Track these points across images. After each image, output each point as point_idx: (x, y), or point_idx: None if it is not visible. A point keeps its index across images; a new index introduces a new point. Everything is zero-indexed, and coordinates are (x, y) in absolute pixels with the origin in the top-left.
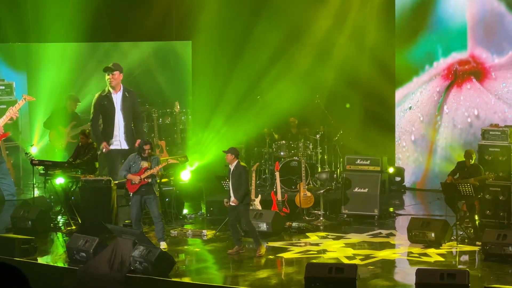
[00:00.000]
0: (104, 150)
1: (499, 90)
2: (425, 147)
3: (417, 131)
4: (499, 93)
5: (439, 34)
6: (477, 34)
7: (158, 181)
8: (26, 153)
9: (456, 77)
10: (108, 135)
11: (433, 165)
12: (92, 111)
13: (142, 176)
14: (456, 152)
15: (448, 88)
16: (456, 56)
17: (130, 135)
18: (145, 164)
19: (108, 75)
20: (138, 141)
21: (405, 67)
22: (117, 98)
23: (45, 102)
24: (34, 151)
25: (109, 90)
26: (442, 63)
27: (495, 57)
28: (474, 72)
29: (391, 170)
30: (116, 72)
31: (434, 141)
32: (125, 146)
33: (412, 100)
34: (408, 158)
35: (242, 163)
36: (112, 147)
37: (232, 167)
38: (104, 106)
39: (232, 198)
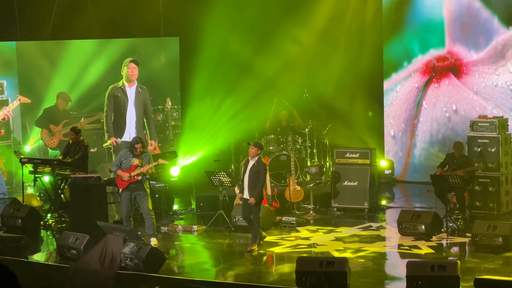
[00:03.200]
0: (112, 144)
1: (477, 85)
2: (405, 142)
3: (396, 126)
4: (477, 88)
5: (416, 31)
6: (454, 30)
7: (148, 177)
8: (15, 152)
9: (435, 73)
10: (119, 127)
11: (412, 160)
12: (105, 102)
13: (132, 173)
14: (435, 146)
15: (426, 84)
16: (434, 53)
17: (140, 129)
18: (136, 161)
19: (128, 67)
20: (152, 142)
21: (383, 63)
22: (130, 92)
23: (37, 101)
24: (27, 149)
25: (123, 84)
26: (420, 60)
27: (473, 52)
28: (452, 68)
29: (384, 163)
30: (137, 66)
31: (413, 136)
32: None
33: (391, 96)
34: (388, 152)
35: (263, 160)
36: (122, 139)
37: (252, 161)
38: (117, 98)
39: (247, 194)
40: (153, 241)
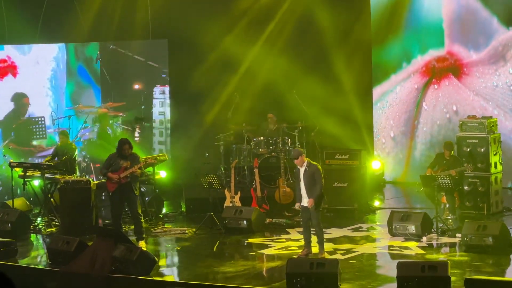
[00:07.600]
0: None
1: (477, 85)
2: (405, 144)
3: (396, 127)
4: (477, 89)
5: (415, 32)
6: (453, 30)
7: (139, 178)
8: (4, 156)
9: (434, 74)
10: None
11: (413, 161)
12: None
13: (121, 175)
14: (435, 148)
15: (426, 85)
16: (433, 53)
17: None
18: (124, 163)
19: None
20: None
21: (382, 65)
22: None
23: None
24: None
25: None
26: (419, 60)
27: (472, 53)
28: (452, 68)
29: (376, 164)
30: None
31: (413, 138)
32: None
33: (390, 98)
34: (388, 154)
35: (314, 162)
36: None
37: (303, 167)
38: None
39: (307, 199)
40: (141, 244)
